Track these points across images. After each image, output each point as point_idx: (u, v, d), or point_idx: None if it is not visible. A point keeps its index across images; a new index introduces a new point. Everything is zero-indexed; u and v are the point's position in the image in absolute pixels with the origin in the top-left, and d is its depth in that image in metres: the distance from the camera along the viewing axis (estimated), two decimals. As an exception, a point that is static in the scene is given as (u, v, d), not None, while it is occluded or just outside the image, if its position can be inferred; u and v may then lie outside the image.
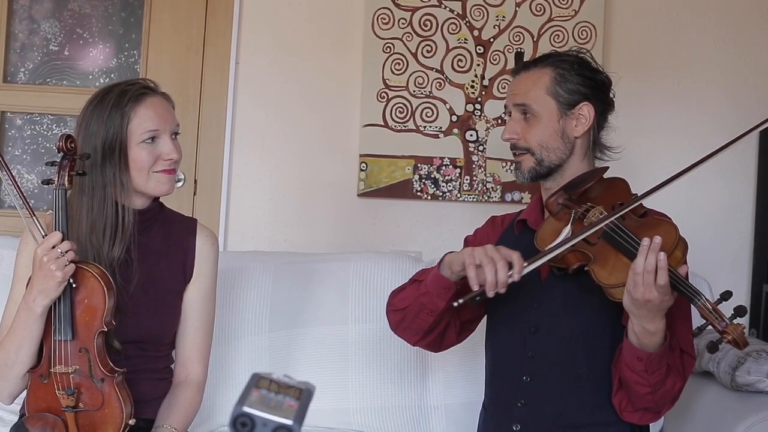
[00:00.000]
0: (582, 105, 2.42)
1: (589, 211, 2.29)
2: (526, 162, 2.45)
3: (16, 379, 2.31)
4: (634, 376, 2.22)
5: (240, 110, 3.69)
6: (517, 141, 2.45)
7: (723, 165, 3.63)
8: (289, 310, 3.06)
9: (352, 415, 3.00)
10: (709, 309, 2.07)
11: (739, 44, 3.66)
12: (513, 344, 2.45)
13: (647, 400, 2.25)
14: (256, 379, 1.20)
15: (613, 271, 2.18)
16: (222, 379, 2.93)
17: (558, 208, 2.37)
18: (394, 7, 3.62)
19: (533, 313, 2.41)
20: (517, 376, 2.42)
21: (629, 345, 2.20)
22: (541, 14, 3.63)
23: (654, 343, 2.17)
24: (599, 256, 2.22)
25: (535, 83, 2.44)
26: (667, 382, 2.23)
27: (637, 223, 2.25)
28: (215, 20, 3.71)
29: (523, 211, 2.59)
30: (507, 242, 2.53)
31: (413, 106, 3.63)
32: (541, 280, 2.41)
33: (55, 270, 2.16)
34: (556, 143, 2.42)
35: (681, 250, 2.17)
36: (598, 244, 2.23)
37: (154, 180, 2.39)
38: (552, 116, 2.42)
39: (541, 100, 2.42)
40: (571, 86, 2.42)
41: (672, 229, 2.19)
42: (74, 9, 3.82)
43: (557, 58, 2.47)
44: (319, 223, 3.69)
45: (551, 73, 2.43)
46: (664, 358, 2.19)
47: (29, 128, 3.82)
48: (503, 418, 2.44)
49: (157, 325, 2.44)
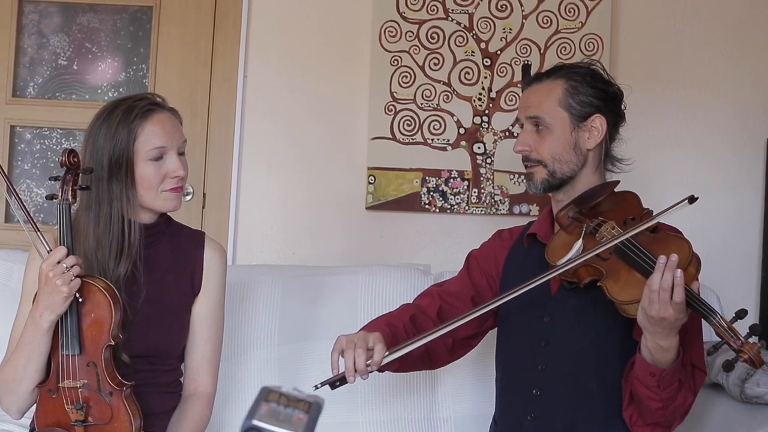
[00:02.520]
0: (594, 117, 2.42)
1: (601, 225, 2.28)
2: (538, 174, 2.45)
3: (24, 394, 2.31)
4: (646, 392, 2.21)
5: (248, 123, 3.70)
6: (529, 153, 2.45)
7: (731, 176, 3.63)
8: (298, 323, 3.06)
9: (361, 428, 2.99)
10: (725, 327, 2.06)
11: (746, 55, 3.66)
12: (523, 357, 2.44)
13: (658, 415, 2.24)
14: (266, 393, 1.20)
15: (627, 287, 2.16)
16: (231, 392, 2.93)
17: (569, 222, 2.36)
18: (401, 20, 3.63)
19: (544, 326, 2.41)
20: (528, 389, 2.41)
21: (642, 360, 2.19)
22: (548, 26, 3.64)
23: (667, 359, 2.16)
24: (612, 271, 2.20)
25: (547, 95, 2.43)
26: (679, 397, 2.22)
27: (649, 238, 2.23)
28: (223, 33, 3.72)
29: (533, 224, 2.59)
30: (517, 256, 2.54)
31: (421, 118, 3.63)
32: (551, 294, 2.40)
33: (60, 285, 2.17)
34: (568, 155, 2.42)
35: (694, 267, 2.15)
36: (611, 259, 2.22)
37: (161, 198, 2.40)
38: (565, 128, 2.42)
39: (553, 112, 2.42)
40: (584, 98, 2.41)
41: (685, 245, 2.18)
42: (83, 23, 3.84)
43: (569, 69, 2.46)
44: (327, 236, 3.69)
45: (564, 85, 2.43)
46: (676, 374, 2.18)
47: (38, 142, 3.84)
48: (513, 431, 2.43)
49: (166, 339, 2.44)
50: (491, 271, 2.61)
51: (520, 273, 2.50)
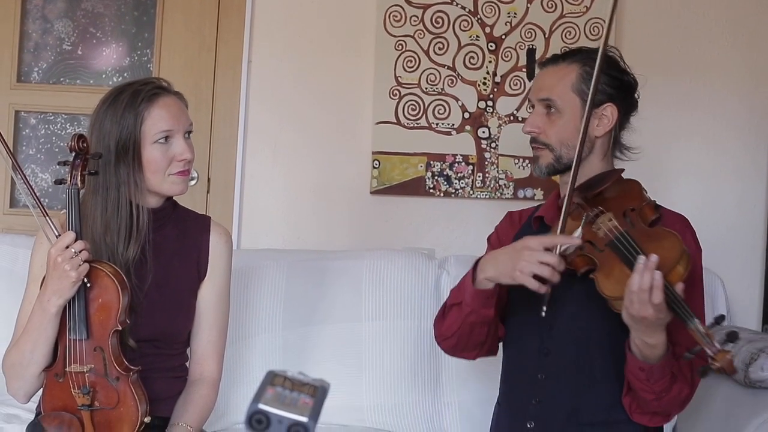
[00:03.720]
0: (606, 105, 2.40)
1: (599, 216, 2.27)
2: (544, 157, 2.44)
3: (31, 378, 2.31)
4: (638, 384, 2.22)
5: (253, 108, 3.70)
6: (537, 135, 2.44)
7: (736, 165, 3.62)
8: (303, 307, 3.07)
9: (366, 412, 3.00)
10: (702, 333, 2.03)
11: (752, 43, 3.64)
12: (528, 342, 2.44)
13: (654, 405, 2.25)
14: (271, 377, 1.21)
15: (616, 283, 2.15)
16: (237, 376, 2.94)
17: (573, 208, 2.36)
18: (405, 5, 3.62)
19: (549, 311, 2.40)
20: (532, 373, 2.41)
21: (631, 356, 2.20)
22: (552, 11, 3.63)
23: (655, 355, 2.16)
24: (605, 264, 2.20)
25: (561, 79, 2.41)
26: (673, 389, 2.22)
27: (644, 233, 2.22)
28: (228, 19, 3.72)
29: (541, 207, 2.59)
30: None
31: (425, 103, 3.63)
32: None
33: (69, 270, 2.17)
34: (576, 141, 2.37)
35: (683, 266, 2.13)
36: (605, 251, 2.21)
37: (168, 182, 2.40)
38: (575, 114, 2.39)
39: (565, 96, 2.40)
40: (597, 85, 2.36)
41: (677, 243, 2.15)
42: (87, 8, 3.84)
43: (586, 55, 2.44)
44: (332, 220, 3.69)
45: (578, 70, 2.41)
46: (666, 368, 2.18)
47: (43, 127, 3.84)
48: (518, 415, 2.43)
49: (172, 324, 2.45)
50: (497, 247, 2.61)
51: None
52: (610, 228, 2.22)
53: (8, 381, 2.37)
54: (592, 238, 2.24)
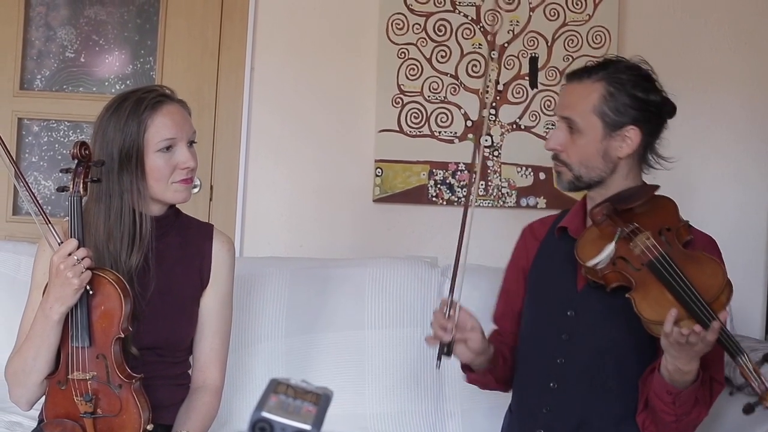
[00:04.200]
0: (629, 128, 2.35)
1: (636, 233, 2.23)
2: (565, 174, 2.41)
3: (34, 385, 2.31)
4: (661, 405, 2.21)
5: (255, 116, 3.70)
6: (559, 153, 2.41)
7: (738, 170, 3.62)
8: (306, 315, 3.07)
9: (369, 420, 3.00)
10: (750, 370, 2.03)
11: (754, 48, 3.65)
12: (543, 349, 2.44)
13: (671, 427, 2.24)
14: (275, 385, 1.21)
15: (655, 306, 2.12)
16: (239, 384, 2.94)
17: (602, 219, 2.32)
18: (408, 13, 3.63)
19: (567, 320, 2.39)
20: (545, 381, 2.41)
21: (660, 379, 2.18)
22: (555, 19, 3.63)
23: (686, 381, 2.15)
24: (641, 285, 2.17)
25: (583, 99, 2.36)
26: (693, 412, 2.22)
27: (683, 256, 2.19)
28: (230, 25, 3.72)
29: (564, 217, 2.56)
30: (548, 247, 2.53)
31: (428, 111, 3.63)
32: (577, 290, 2.40)
33: (71, 277, 2.17)
34: (596, 162, 2.36)
35: (726, 295, 2.11)
36: (642, 271, 2.18)
37: (171, 190, 2.40)
38: (595, 136, 2.35)
39: (586, 117, 2.35)
40: (620, 108, 2.34)
41: (719, 271, 2.14)
42: (90, 16, 3.84)
43: (614, 70, 2.37)
44: (334, 228, 3.69)
45: (602, 90, 2.34)
46: (693, 394, 2.18)
47: (46, 135, 3.85)
48: (528, 422, 2.43)
49: (174, 331, 2.45)
50: (524, 264, 2.60)
51: (549, 265, 2.50)
52: (648, 247, 2.19)
53: (11, 388, 2.37)
54: (627, 255, 2.22)
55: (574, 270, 2.40)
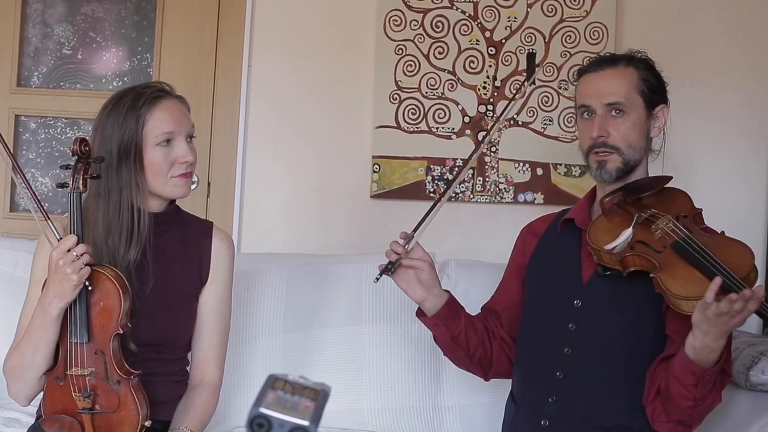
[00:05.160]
0: (662, 106, 2.45)
1: (656, 218, 2.27)
2: (612, 161, 2.41)
3: (32, 381, 2.32)
4: (680, 389, 2.20)
5: (253, 112, 3.70)
6: (606, 139, 2.41)
7: (736, 167, 3.62)
8: (304, 311, 3.07)
9: (367, 415, 3.00)
10: None
11: (752, 44, 3.64)
12: (549, 339, 2.44)
13: (686, 413, 2.24)
14: (272, 381, 1.21)
15: (686, 284, 2.14)
16: (237, 380, 2.94)
17: (612, 209, 2.35)
18: (405, 9, 3.63)
19: (574, 310, 2.40)
20: (551, 371, 2.41)
21: (684, 357, 2.17)
22: (552, 15, 3.63)
23: (711, 359, 2.15)
24: (666, 265, 2.18)
25: (624, 81, 2.41)
26: (708, 397, 2.22)
27: (705, 237, 2.23)
28: (227, 22, 3.72)
29: (569, 210, 2.58)
30: (549, 241, 2.54)
31: (425, 107, 3.63)
32: (583, 282, 2.40)
33: (70, 273, 2.17)
34: (640, 142, 2.42)
35: (755, 274, 2.15)
36: (665, 252, 2.20)
37: (170, 184, 2.40)
38: (641, 116, 2.42)
39: (633, 98, 2.41)
40: (654, 87, 2.43)
41: (746, 250, 2.18)
42: (87, 13, 3.84)
43: (632, 58, 2.45)
44: (332, 224, 3.69)
45: (636, 72, 2.42)
46: (714, 376, 2.18)
47: (43, 132, 3.84)
48: (533, 412, 2.43)
49: (173, 328, 2.45)
50: (521, 260, 2.62)
51: (551, 257, 2.51)
52: (672, 229, 2.22)
53: (9, 384, 2.37)
54: (647, 239, 2.24)
55: (580, 260, 2.41)
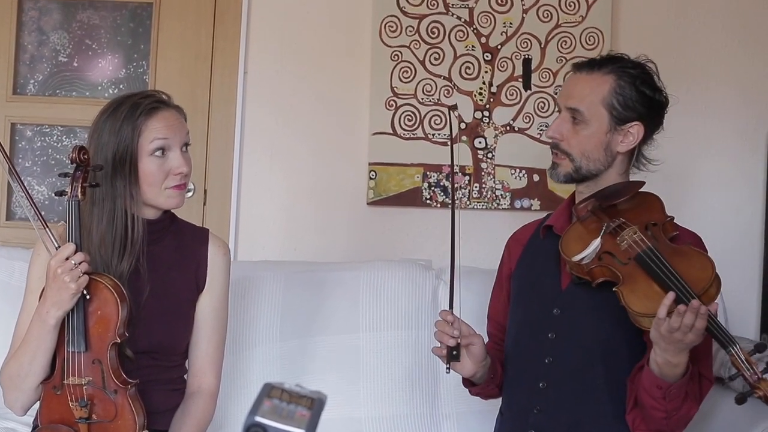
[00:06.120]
0: (633, 124, 2.39)
1: (623, 228, 2.25)
2: (563, 166, 2.42)
3: (29, 390, 2.31)
4: (651, 402, 2.20)
5: (249, 119, 3.70)
6: (559, 142, 2.42)
7: (733, 169, 3.62)
8: (300, 319, 3.06)
9: (364, 423, 3.00)
10: (742, 359, 2.02)
11: (748, 47, 3.65)
12: (531, 349, 2.44)
13: (662, 423, 2.24)
14: (268, 389, 1.21)
15: (644, 299, 2.13)
16: (234, 388, 2.94)
17: (587, 216, 2.35)
18: (401, 15, 3.63)
19: (553, 318, 2.40)
20: (534, 381, 2.41)
21: (650, 373, 2.17)
22: (548, 20, 3.63)
23: (676, 374, 2.15)
24: (629, 279, 2.17)
25: (593, 90, 2.39)
26: (683, 408, 2.21)
27: (670, 249, 2.20)
28: (223, 29, 3.72)
29: (550, 216, 2.58)
30: (532, 247, 2.54)
31: (422, 113, 3.63)
32: (561, 288, 2.40)
33: (69, 282, 2.17)
34: (597, 154, 2.39)
35: (715, 288, 2.12)
36: (629, 265, 2.19)
37: (164, 195, 2.40)
38: (601, 128, 2.38)
39: (594, 109, 2.38)
40: (629, 102, 2.37)
41: (708, 264, 2.15)
42: (83, 20, 3.84)
43: (622, 66, 2.41)
44: (328, 232, 3.69)
45: (612, 83, 2.38)
46: (683, 387, 2.17)
47: (39, 140, 3.84)
48: (519, 423, 2.43)
49: (170, 335, 2.45)
50: (507, 272, 2.63)
51: (533, 265, 2.51)
52: (635, 241, 2.20)
53: (5, 393, 2.37)
54: (613, 250, 2.23)
55: (559, 267, 2.41)
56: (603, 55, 2.50)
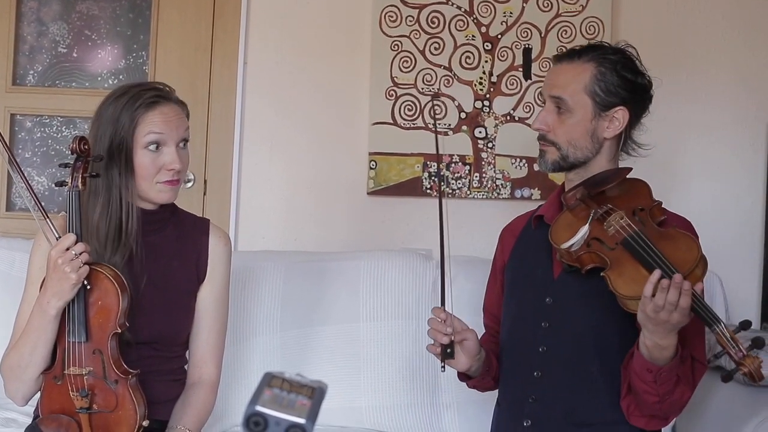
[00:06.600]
0: (618, 108, 2.39)
1: (610, 214, 2.26)
2: (550, 154, 2.43)
3: (30, 380, 2.31)
4: (643, 386, 2.20)
5: (249, 109, 3.69)
6: (546, 132, 2.43)
7: (734, 159, 3.62)
8: (301, 309, 3.07)
9: (364, 413, 3.00)
10: (727, 337, 2.03)
11: (749, 35, 3.64)
12: (525, 339, 2.44)
13: (655, 408, 2.24)
14: (269, 379, 1.20)
15: (631, 282, 2.13)
16: (234, 378, 2.94)
17: (576, 204, 2.35)
18: (401, 5, 3.62)
19: (546, 307, 2.40)
20: (529, 370, 2.41)
21: (640, 357, 2.18)
22: (548, 10, 3.63)
23: (665, 357, 2.15)
24: (616, 263, 2.18)
25: (574, 78, 2.39)
26: (676, 392, 2.21)
27: (657, 233, 2.21)
28: (223, 19, 3.71)
29: (541, 206, 2.58)
30: (524, 238, 2.54)
31: (422, 103, 3.62)
32: (553, 277, 2.40)
33: (69, 272, 2.17)
34: (584, 142, 2.39)
35: (701, 269, 2.12)
36: (617, 250, 2.19)
37: (156, 189, 2.39)
38: (586, 115, 2.39)
39: (577, 97, 2.38)
40: (611, 88, 2.37)
41: (693, 245, 2.15)
42: (82, 11, 3.83)
43: (603, 53, 2.41)
44: (329, 221, 3.69)
45: (593, 70, 2.38)
46: (673, 371, 2.17)
47: (39, 130, 3.84)
48: (515, 413, 2.43)
49: (171, 326, 2.45)
50: (500, 263, 2.63)
51: (525, 255, 2.51)
52: (622, 226, 2.21)
53: (6, 383, 2.37)
54: (601, 236, 2.24)
55: (551, 257, 2.41)
56: (576, 46, 2.50)
